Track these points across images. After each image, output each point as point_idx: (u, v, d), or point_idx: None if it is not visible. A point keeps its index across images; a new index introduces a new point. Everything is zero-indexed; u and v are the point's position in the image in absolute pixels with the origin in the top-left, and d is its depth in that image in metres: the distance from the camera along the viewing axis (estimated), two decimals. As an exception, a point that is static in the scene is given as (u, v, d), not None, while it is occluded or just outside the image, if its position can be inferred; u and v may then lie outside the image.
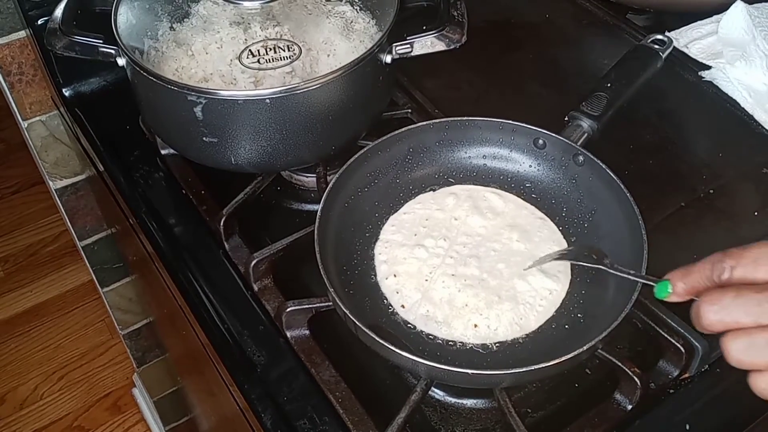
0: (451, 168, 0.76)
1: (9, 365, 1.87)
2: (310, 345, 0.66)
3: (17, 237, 2.13)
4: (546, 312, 0.65)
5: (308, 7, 0.80)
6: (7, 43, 0.95)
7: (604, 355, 0.60)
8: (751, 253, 0.45)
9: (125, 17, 0.75)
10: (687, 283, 0.48)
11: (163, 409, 1.61)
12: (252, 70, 0.74)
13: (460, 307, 0.65)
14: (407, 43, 0.74)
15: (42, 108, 1.03)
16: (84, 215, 1.18)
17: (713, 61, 0.88)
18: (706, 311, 0.45)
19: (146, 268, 0.87)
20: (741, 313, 0.44)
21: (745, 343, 0.44)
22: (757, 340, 0.44)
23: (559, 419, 0.62)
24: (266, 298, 0.70)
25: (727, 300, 0.45)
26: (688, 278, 0.48)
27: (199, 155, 0.76)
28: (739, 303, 0.44)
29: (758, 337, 0.44)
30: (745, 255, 0.46)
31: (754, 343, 0.44)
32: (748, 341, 0.44)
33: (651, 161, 0.81)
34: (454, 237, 0.70)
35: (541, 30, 0.99)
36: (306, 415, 0.62)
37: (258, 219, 0.79)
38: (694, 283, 0.48)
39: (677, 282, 0.49)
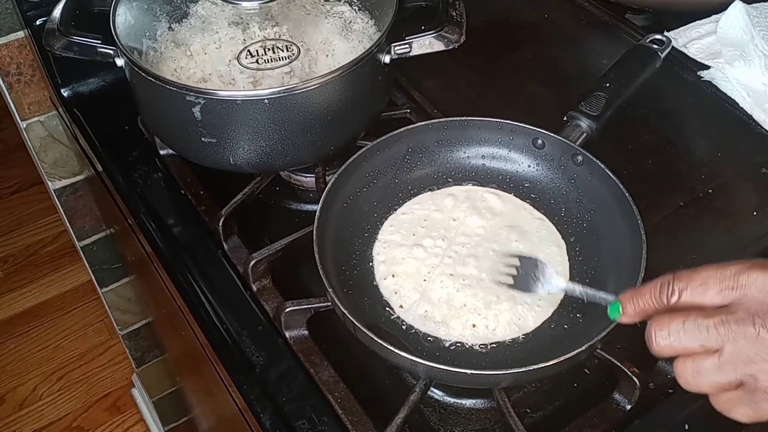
0: (450, 168, 0.76)
1: (8, 365, 1.86)
2: (308, 345, 0.66)
3: (16, 237, 2.13)
4: (544, 312, 0.65)
5: (307, 8, 0.80)
6: (5, 43, 0.95)
7: (603, 355, 0.60)
8: (699, 276, 0.46)
9: (124, 17, 0.75)
10: (637, 306, 0.49)
11: (163, 410, 1.61)
12: (250, 70, 0.74)
13: (458, 307, 0.65)
14: (406, 43, 0.74)
15: (40, 108, 1.03)
16: (83, 215, 1.18)
17: (712, 61, 0.88)
18: (656, 337, 0.46)
19: (145, 268, 0.87)
20: (689, 339, 0.44)
21: (694, 368, 0.45)
22: (705, 365, 0.44)
23: (558, 419, 0.62)
24: (265, 299, 0.70)
25: (675, 326, 0.45)
26: (638, 301, 0.48)
27: (197, 155, 0.76)
28: (686, 328, 0.44)
29: (705, 362, 0.44)
30: (694, 278, 0.46)
31: (701, 369, 0.44)
32: (696, 367, 0.44)
33: (650, 161, 0.81)
34: (452, 237, 0.70)
35: (540, 30, 0.99)
36: (305, 416, 0.62)
37: (257, 219, 0.79)
38: (643, 305, 0.48)
39: (627, 304, 0.49)
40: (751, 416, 0.44)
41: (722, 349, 0.43)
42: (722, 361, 0.43)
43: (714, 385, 0.44)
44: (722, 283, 0.45)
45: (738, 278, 0.44)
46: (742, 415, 0.45)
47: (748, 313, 0.43)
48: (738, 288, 0.44)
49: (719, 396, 0.45)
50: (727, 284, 0.44)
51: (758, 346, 0.42)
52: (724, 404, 0.45)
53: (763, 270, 0.44)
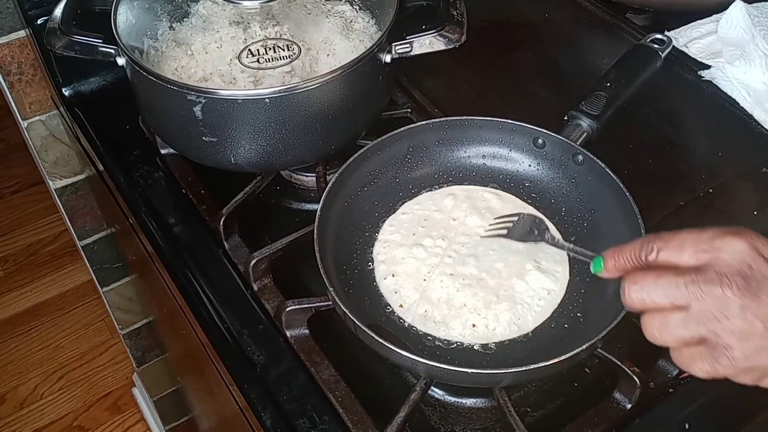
0: (450, 167, 0.76)
1: (9, 365, 1.87)
2: (309, 344, 0.66)
3: (17, 237, 2.13)
4: (544, 312, 0.65)
5: (308, 7, 0.80)
6: (6, 42, 0.95)
7: (603, 354, 0.60)
8: (678, 237, 0.48)
9: (125, 17, 0.75)
10: (617, 262, 0.51)
11: (163, 409, 1.61)
12: (251, 69, 0.74)
13: (458, 307, 0.65)
14: (407, 43, 0.74)
15: (42, 108, 1.03)
16: (84, 215, 1.18)
17: (713, 61, 0.88)
18: (629, 290, 0.48)
19: (146, 267, 0.87)
20: (659, 294, 0.47)
21: (660, 321, 0.47)
22: (671, 319, 0.47)
23: (558, 418, 0.62)
24: (266, 298, 0.70)
25: (648, 281, 0.47)
26: (619, 257, 0.51)
27: (198, 155, 0.76)
28: (658, 284, 0.47)
29: (672, 317, 0.47)
30: (673, 239, 0.48)
31: (668, 323, 0.47)
32: (663, 320, 0.47)
33: (650, 160, 0.81)
34: (452, 237, 0.70)
35: (541, 29, 0.99)
36: (306, 415, 0.62)
37: (258, 218, 0.79)
38: (623, 261, 0.51)
39: (608, 260, 0.52)
40: (708, 371, 0.47)
41: (689, 306, 0.46)
42: (688, 317, 0.46)
43: (678, 338, 0.47)
44: (697, 246, 0.47)
45: (712, 242, 0.46)
46: (701, 370, 0.47)
47: (717, 275, 0.45)
48: (711, 251, 0.46)
49: (681, 350, 0.47)
50: (701, 247, 0.47)
51: (722, 305, 0.45)
52: (685, 359, 0.47)
53: (736, 236, 0.46)
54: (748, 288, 0.45)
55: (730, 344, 0.45)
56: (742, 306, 0.45)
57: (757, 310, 0.44)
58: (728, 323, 0.45)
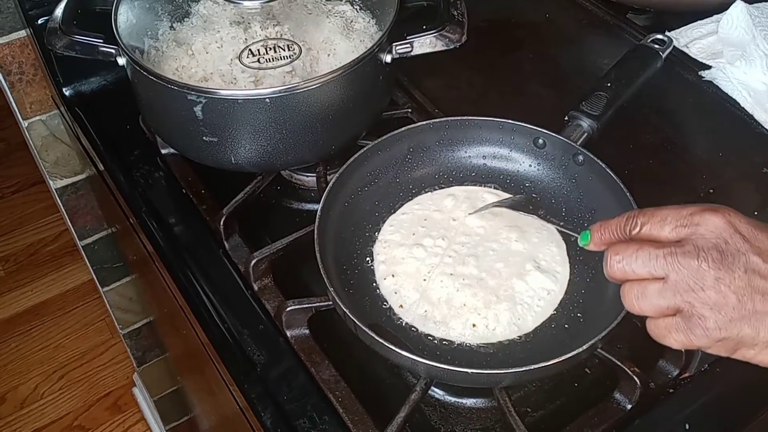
0: (450, 167, 0.76)
1: (9, 364, 1.87)
2: (309, 344, 0.66)
3: (17, 236, 2.13)
4: (544, 312, 0.65)
5: (308, 7, 0.80)
6: (7, 42, 0.95)
7: (603, 355, 0.60)
8: (660, 213, 0.50)
9: (125, 17, 0.75)
10: (603, 235, 0.53)
11: (164, 409, 1.61)
12: (252, 69, 0.74)
13: (458, 307, 0.65)
14: (407, 43, 0.74)
15: (42, 107, 1.03)
16: (84, 215, 1.18)
17: (713, 61, 0.88)
18: (611, 260, 0.50)
19: (146, 267, 0.87)
20: (639, 265, 0.49)
21: (639, 291, 0.49)
22: (649, 289, 0.49)
23: (558, 418, 0.62)
24: (266, 298, 0.70)
25: (629, 252, 0.49)
26: (605, 230, 0.53)
27: (199, 155, 0.76)
28: (638, 255, 0.49)
29: (650, 287, 0.49)
30: (656, 214, 0.50)
31: (646, 292, 0.49)
32: (642, 290, 0.49)
33: (651, 161, 0.81)
34: (452, 237, 0.70)
35: (542, 30, 0.99)
36: (306, 415, 0.62)
37: (258, 218, 0.79)
38: (608, 234, 0.53)
39: (595, 232, 0.54)
40: (683, 341, 0.48)
41: (667, 277, 0.48)
42: (665, 287, 0.48)
43: (655, 307, 0.49)
44: (678, 221, 0.49)
45: (692, 217, 0.49)
46: (676, 341, 0.49)
47: (695, 248, 0.47)
48: (691, 226, 0.48)
49: (657, 321, 0.49)
50: (682, 222, 0.49)
51: (698, 276, 0.47)
52: (661, 329, 0.49)
53: (715, 212, 0.48)
54: (723, 261, 0.47)
55: (704, 314, 0.47)
56: (716, 278, 0.47)
57: (731, 282, 0.46)
58: (703, 294, 0.47)
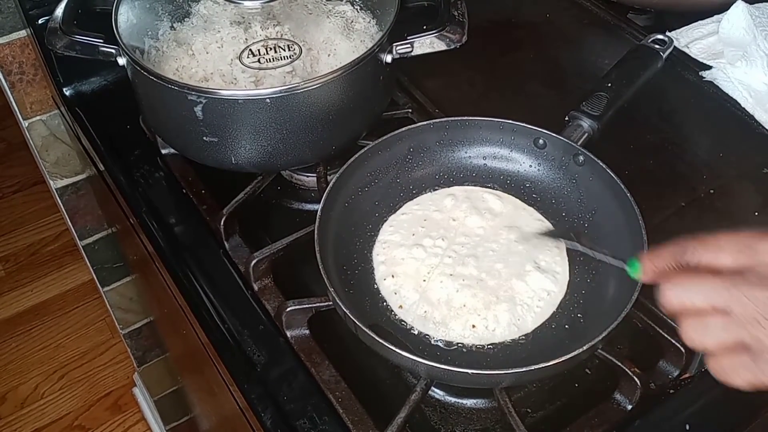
0: (451, 168, 0.76)
1: (10, 364, 1.87)
2: (310, 344, 0.66)
3: (18, 236, 2.13)
4: (543, 313, 0.65)
5: (309, 7, 0.80)
6: (7, 42, 0.95)
7: (604, 355, 0.60)
8: (717, 241, 0.48)
9: (126, 17, 0.75)
10: (655, 263, 0.51)
11: (164, 409, 1.61)
12: (252, 69, 0.74)
13: (458, 308, 0.65)
14: (408, 43, 0.74)
15: (43, 107, 1.03)
16: (84, 214, 1.18)
17: (714, 61, 0.88)
18: (668, 291, 0.47)
19: (147, 267, 0.87)
20: (700, 296, 0.46)
21: (699, 324, 0.46)
22: (712, 323, 0.46)
23: (559, 419, 0.62)
24: (266, 298, 0.70)
25: (686, 282, 0.47)
26: (657, 260, 0.51)
27: (199, 155, 0.76)
28: (698, 286, 0.46)
29: (713, 321, 0.46)
30: (711, 242, 0.48)
31: (708, 326, 0.46)
32: (703, 323, 0.46)
33: (651, 161, 0.81)
34: (452, 237, 0.70)
35: (542, 30, 0.99)
36: (306, 415, 0.62)
37: (258, 218, 0.79)
38: (662, 264, 0.50)
39: (646, 262, 0.51)
40: (751, 381, 0.45)
41: (731, 310, 0.45)
42: (730, 321, 0.45)
43: (719, 342, 0.46)
44: (737, 248, 0.47)
45: (753, 244, 0.46)
46: (743, 380, 0.46)
47: (759, 278, 0.45)
48: (752, 254, 0.46)
49: (721, 359, 0.46)
50: (741, 249, 0.46)
51: (766, 308, 0.44)
52: (726, 368, 0.46)
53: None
54: None
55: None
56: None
57: None
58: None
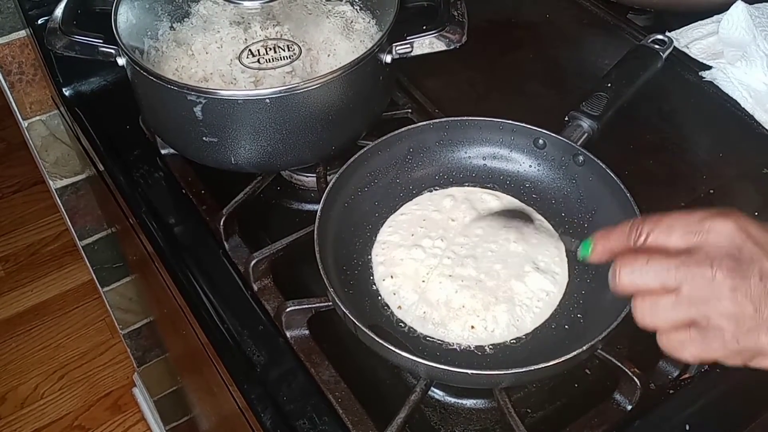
0: (451, 168, 0.76)
1: (9, 364, 1.87)
2: (309, 345, 0.66)
3: (18, 236, 2.13)
4: (542, 314, 0.65)
5: (308, 7, 0.80)
6: (7, 42, 0.95)
7: (603, 356, 0.60)
8: (666, 221, 0.48)
9: (125, 17, 0.75)
10: (606, 245, 0.51)
11: (164, 409, 1.61)
12: (252, 69, 0.74)
13: (457, 309, 0.65)
14: (407, 43, 0.74)
15: (42, 107, 1.03)
16: (84, 215, 1.18)
17: (714, 61, 0.88)
18: (620, 273, 0.48)
19: (146, 267, 0.87)
20: (650, 277, 0.46)
21: (651, 304, 0.47)
22: (662, 302, 0.46)
23: (558, 419, 0.62)
24: (266, 298, 0.70)
25: (638, 264, 0.47)
26: (608, 240, 0.50)
27: (199, 155, 0.76)
28: (649, 268, 0.47)
29: (663, 300, 0.46)
30: (662, 221, 0.48)
31: (659, 305, 0.46)
32: (654, 303, 0.47)
33: (651, 161, 0.81)
34: (451, 238, 0.70)
35: (542, 30, 0.99)
36: (305, 415, 0.62)
37: (258, 219, 0.79)
38: (612, 245, 0.50)
39: (598, 243, 0.51)
40: (698, 355, 0.47)
41: (680, 289, 0.46)
42: (679, 300, 0.46)
43: (669, 321, 0.47)
44: (686, 228, 0.47)
45: (701, 224, 0.46)
46: (690, 354, 0.47)
47: (707, 257, 0.45)
48: (700, 233, 0.46)
49: (671, 335, 0.47)
50: (690, 229, 0.47)
51: (713, 287, 0.45)
52: (674, 343, 0.47)
53: (725, 218, 0.46)
54: (738, 269, 0.45)
55: (722, 326, 0.45)
56: (732, 287, 0.44)
57: (747, 291, 0.44)
58: (719, 305, 0.45)
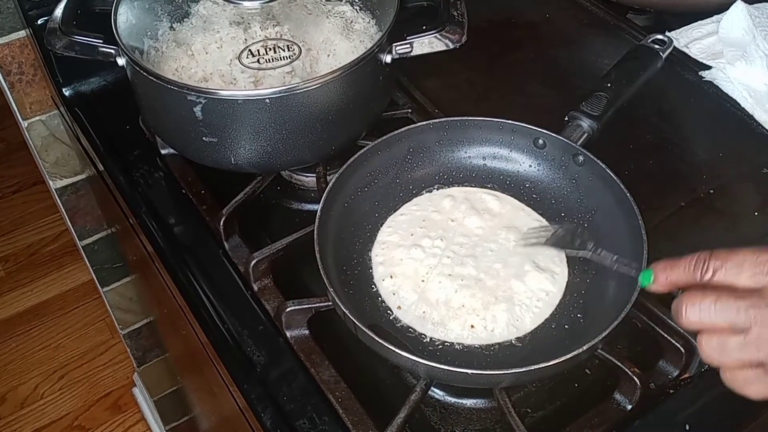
0: (450, 168, 0.76)
1: (9, 364, 1.87)
2: (309, 345, 0.66)
3: (18, 236, 2.13)
4: (542, 314, 0.65)
5: (308, 7, 0.80)
6: (7, 42, 0.95)
7: (603, 355, 0.60)
8: (736, 258, 0.47)
9: (125, 17, 0.75)
10: (670, 277, 0.51)
11: (164, 409, 1.61)
12: (252, 69, 0.74)
13: (456, 308, 0.65)
14: (407, 43, 0.74)
15: (42, 108, 1.03)
16: (84, 215, 1.18)
17: (713, 61, 0.88)
18: (687, 310, 0.48)
19: (146, 267, 0.87)
20: (719, 317, 0.47)
21: (719, 344, 0.47)
22: (730, 343, 0.46)
23: (558, 419, 0.62)
24: (266, 298, 0.70)
25: (707, 303, 0.47)
26: (672, 272, 0.50)
27: (199, 155, 0.76)
28: (718, 308, 0.47)
29: (731, 340, 0.46)
30: (731, 258, 0.48)
31: (726, 346, 0.47)
32: (721, 343, 0.47)
33: (651, 161, 0.81)
34: (451, 237, 0.70)
35: (542, 30, 0.99)
36: (305, 415, 0.62)
37: (258, 219, 0.79)
38: (677, 277, 0.50)
39: (660, 273, 0.51)
40: (763, 393, 0.47)
41: (749, 330, 0.45)
42: (747, 341, 0.46)
43: (736, 362, 0.47)
44: (757, 268, 0.46)
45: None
46: (755, 392, 0.47)
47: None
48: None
49: (736, 373, 0.47)
50: (761, 269, 0.46)
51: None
52: (740, 381, 0.47)
53: None
54: None
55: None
56: None
57: None
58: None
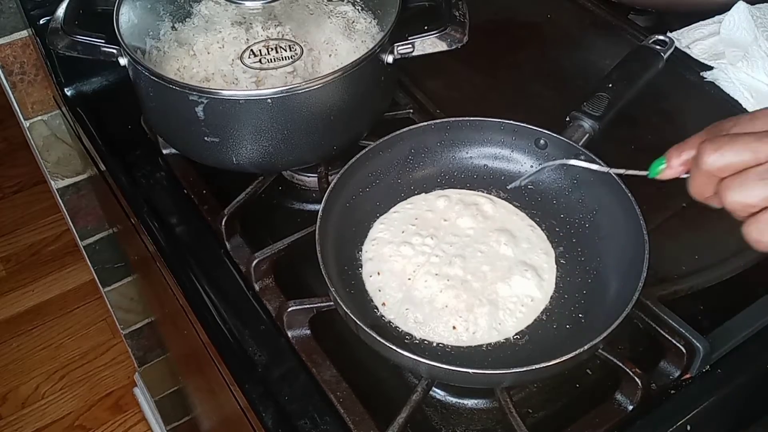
0: (452, 168, 0.76)
1: (10, 364, 1.87)
2: (311, 345, 0.66)
3: (19, 236, 2.13)
4: (525, 319, 0.64)
5: (310, 7, 0.80)
6: (9, 42, 0.95)
7: (605, 356, 0.60)
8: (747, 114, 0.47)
9: (127, 17, 0.75)
10: (682, 154, 0.49)
11: (165, 409, 1.61)
12: (254, 69, 0.74)
13: (439, 308, 0.64)
14: (409, 43, 0.74)
15: (44, 107, 1.03)
16: (85, 215, 1.19)
17: (715, 62, 0.88)
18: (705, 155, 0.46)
19: (148, 267, 0.87)
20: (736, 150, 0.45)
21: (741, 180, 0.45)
22: (751, 174, 0.44)
23: (560, 419, 0.62)
24: (267, 298, 0.70)
25: (723, 141, 0.45)
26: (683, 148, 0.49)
27: (200, 155, 0.76)
28: (735, 141, 0.45)
29: (750, 172, 0.44)
30: (743, 116, 0.47)
31: (748, 178, 0.44)
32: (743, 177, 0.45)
33: (652, 162, 0.80)
34: (441, 236, 0.70)
35: (543, 30, 0.99)
36: (307, 415, 0.62)
37: (259, 219, 0.79)
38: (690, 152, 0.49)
39: (672, 155, 0.50)
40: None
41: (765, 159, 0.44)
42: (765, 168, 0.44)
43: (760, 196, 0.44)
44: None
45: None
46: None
47: None
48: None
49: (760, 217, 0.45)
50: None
51: None
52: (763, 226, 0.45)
53: None
54: None
55: None
56: None
57: None
58: None
